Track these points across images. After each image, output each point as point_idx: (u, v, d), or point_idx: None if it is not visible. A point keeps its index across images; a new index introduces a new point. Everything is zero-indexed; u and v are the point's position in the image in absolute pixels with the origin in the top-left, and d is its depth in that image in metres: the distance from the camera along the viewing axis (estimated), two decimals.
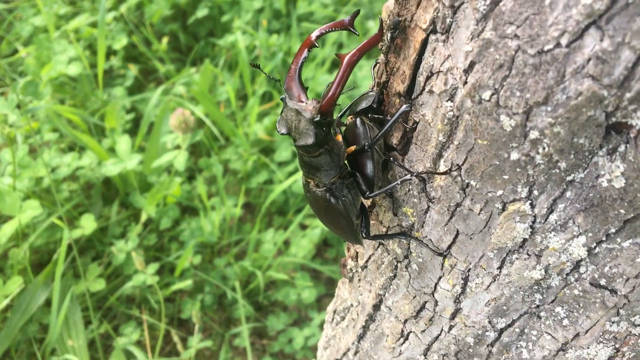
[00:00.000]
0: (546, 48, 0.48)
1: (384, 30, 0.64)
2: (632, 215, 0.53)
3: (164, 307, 2.09)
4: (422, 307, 0.77)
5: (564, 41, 0.47)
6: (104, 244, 2.21)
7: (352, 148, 0.68)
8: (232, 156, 2.41)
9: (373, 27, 2.83)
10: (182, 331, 2.14)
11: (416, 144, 0.65)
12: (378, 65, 0.72)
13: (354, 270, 0.89)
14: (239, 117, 2.50)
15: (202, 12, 2.69)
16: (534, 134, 0.52)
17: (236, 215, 2.25)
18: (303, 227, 2.37)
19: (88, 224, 2.07)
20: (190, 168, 2.46)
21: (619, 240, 0.56)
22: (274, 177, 2.38)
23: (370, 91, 0.71)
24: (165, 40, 2.67)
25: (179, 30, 2.82)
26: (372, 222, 0.79)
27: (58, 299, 1.86)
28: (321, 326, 2.16)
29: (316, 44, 0.64)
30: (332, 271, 2.22)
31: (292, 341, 2.13)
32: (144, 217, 2.13)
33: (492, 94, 0.53)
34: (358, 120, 0.69)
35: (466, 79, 0.55)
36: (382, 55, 0.69)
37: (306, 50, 0.64)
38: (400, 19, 0.61)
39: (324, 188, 0.71)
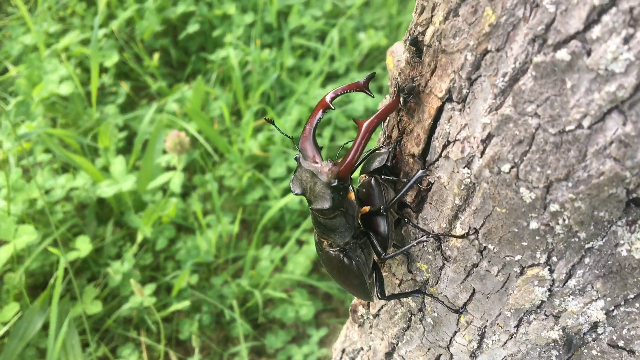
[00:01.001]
0: (567, 128, 0.48)
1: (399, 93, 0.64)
2: None
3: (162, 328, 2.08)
4: (437, 359, 0.77)
5: (585, 123, 0.47)
6: (99, 264, 2.20)
7: (367, 209, 0.68)
8: (227, 173, 2.41)
9: (364, 39, 2.84)
10: (180, 351, 2.13)
11: (431, 203, 0.65)
12: (388, 119, 0.72)
13: (365, 317, 0.89)
14: (233, 134, 2.49)
15: (193, 28, 2.68)
16: (554, 207, 0.52)
17: (233, 233, 2.24)
18: (300, 242, 2.37)
19: (83, 246, 2.05)
20: (185, 185, 2.45)
21: (637, 304, 0.57)
22: (269, 193, 2.37)
23: (383, 147, 0.71)
24: (156, 56, 2.65)
25: (170, 46, 2.81)
26: (384, 274, 0.79)
27: (56, 324, 1.85)
28: (319, 343, 2.16)
29: (331, 106, 0.64)
30: (329, 287, 2.22)
31: (291, 359, 2.13)
32: (139, 238, 2.11)
33: (512, 167, 0.53)
34: (373, 181, 0.69)
35: (484, 149, 0.55)
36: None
37: (321, 111, 0.64)
38: (414, 84, 0.61)
39: (338, 248, 0.70)
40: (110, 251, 2.22)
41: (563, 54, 0.46)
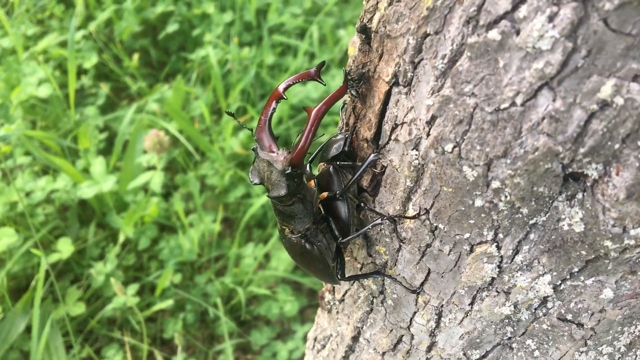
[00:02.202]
0: (502, 106, 0.50)
1: (349, 81, 0.65)
2: (593, 256, 0.55)
3: (146, 328, 2.09)
4: (399, 341, 0.79)
5: (518, 100, 0.49)
6: (82, 266, 2.20)
7: (325, 195, 0.70)
8: (209, 171, 2.41)
9: (344, 36, 2.85)
10: (165, 351, 2.14)
11: (385, 187, 0.67)
12: (346, 106, 0.74)
13: (331, 303, 0.90)
14: (214, 132, 2.50)
15: (172, 27, 2.68)
16: (495, 184, 0.54)
17: (215, 232, 2.25)
18: None
19: (65, 248, 2.05)
20: (167, 185, 2.45)
21: (582, 278, 0.58)
22: (251, 190, 2.38)
23: (339, 134, 0.73)
24: (136, 56, 2.65)
25: (149, 46, 2.81)
26: (346, 258, 0.81)
27: (38, 326, 1.85)
28: (304, 338, 2.17)
29: (284, 96, 0.65)
30: (314, 282, 2.23)
31: (276, 355, 2.14)
32: (121, 239, 2.12)
33: (454, 147, 0.55)
34: (331, 168, 0.70)
35: (429, 130, 0.56)
36: (349, 98, 0.71)
37: (274, 102, 0.66)
38: (364, 71, 0.63)
39: (299, 235, 0.72)
40: (93, 252, 2.22)
41: (494, 34, 0.47)
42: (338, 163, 0.71)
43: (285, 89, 0.65)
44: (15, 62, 2.43)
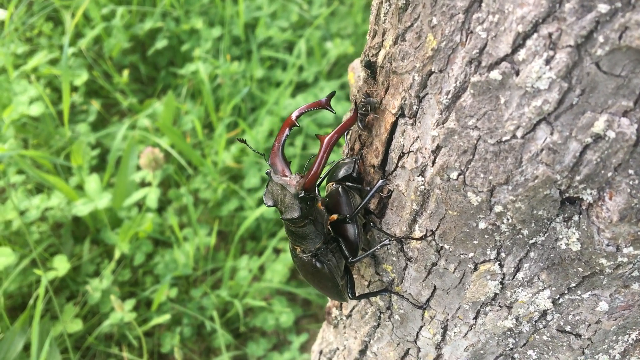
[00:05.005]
0: (504, 139, 0.54)
1: (357, 111, 0.69)
2: (589, 272, 0.60)
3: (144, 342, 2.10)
4: (406, 354, 0.83)
5: (519, 133, 0.53)
6: (77, 283, 2.21)
7: (335, 217, 0.73)
8: (202, 185, 2.44)
9: (331, 48, 2.90)
10: None
11: (392, 209, 0.71)
12: (351, 132, 0.78)
13: (338, 318, 0.94)
14: (206, 147, 2.52)
15: (161, 43, 2.71)
16: (498, 208, 0.58)
17: (210, 245, 2.27)
18: (277, 251, 2.42)
19: (61, 265, 2.07)
20: (160, 199, 2.47)
21: (579, 292, 0.63)
22: (245, 203, 2.41)
23: (348, 158, 0.76)
24: (125, 72, 2.67)
25: (139, 62, 2.83)
26: (354, 276, 0.85)
27: (37, 344, 1.86)
28: (300, 349, 2.21)
29: (297, 124, 0.69)
30: (308, 293, 2.27)
31: None
32: (117, 255, 2.13)
33: (459, 175, 0.59)
34: (340, 189, 0.74)
35: (434, 159, 0.61)
36: (355, 125, 0.75)
37: (287, 129, 0.70)
38: (370, 103, 0.67)
39: (310, 254, 0.76)
40: (88, 269, 2.23)
41: (495, 74, 0.52)
42: (347, 184, 0.74)
43: (298, 116, 0.69)
44: (6, 81, 2.44)
